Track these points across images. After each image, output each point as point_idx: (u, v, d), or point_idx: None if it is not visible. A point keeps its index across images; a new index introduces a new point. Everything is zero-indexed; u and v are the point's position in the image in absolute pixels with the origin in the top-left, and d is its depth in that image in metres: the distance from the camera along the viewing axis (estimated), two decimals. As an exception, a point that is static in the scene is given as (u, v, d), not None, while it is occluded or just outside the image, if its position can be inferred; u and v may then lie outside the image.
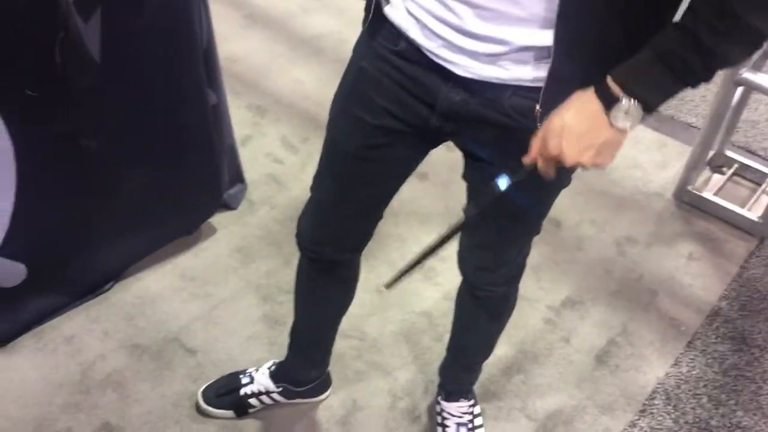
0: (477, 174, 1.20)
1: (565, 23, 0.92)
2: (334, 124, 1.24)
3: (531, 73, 0.98)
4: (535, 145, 1.00)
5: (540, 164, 1.01)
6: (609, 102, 0.93)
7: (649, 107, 0.93)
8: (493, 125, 1.06)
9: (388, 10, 1.08)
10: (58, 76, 1.49)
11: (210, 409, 1.69)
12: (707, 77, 0.91)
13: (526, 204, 1.17)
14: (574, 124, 0.94)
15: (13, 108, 1.49)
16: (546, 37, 0.94)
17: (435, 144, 1.21)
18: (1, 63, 1.42)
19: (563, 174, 1.10)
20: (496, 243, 1.31)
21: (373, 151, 1.20)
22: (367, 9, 1.12)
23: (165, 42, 1.69)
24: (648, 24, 0.94)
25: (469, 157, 1.19)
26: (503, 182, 1.05)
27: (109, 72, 1.59)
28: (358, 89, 1.17)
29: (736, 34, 0.88)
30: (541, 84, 0.98)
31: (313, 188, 1.33)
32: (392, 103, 1.13)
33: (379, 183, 1.27)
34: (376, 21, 1.10)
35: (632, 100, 0.92)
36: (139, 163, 1.82)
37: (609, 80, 0.93)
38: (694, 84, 0.92)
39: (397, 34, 1.07)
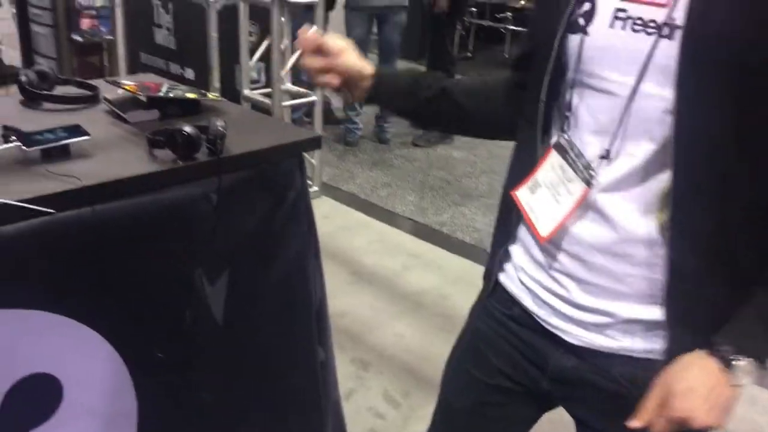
0: None
1: (673, 302, 0.96)
2: (448, 383, 1.29)
3: (640, 344, 1.01)
4: (651, 407, 0.96)
5: (660, 428, 0.96)
6: (726, 362, 0.93)
7: (764, 363, 0.93)
8: (602, 392, 1.07)
9: (503, 279, 1.17)
10: (184, 338, 1.61)
11: None
12: None
13: None
14: (699, 385, 0.93)
15: (140, 367, 1.61)
16: (653, 312, 0.98)
17: (547, 407, 1.23)
18: (137, 328, 1.55)
19: None
20: None
21: (487, 410, 1.23)
22: (486, 276, 1.22)
23: (283, 303, 1.82)
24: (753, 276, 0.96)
25: (581, 425, 1.18)
26: None
27: (229, 332, 1.71)
28: (473, 349, 1.24)
29: None
30: (650, 355, 1.00)
31: None
32: (506, 364, 1.18)
33: None
34: (492, 287, 1.20)
35: (748, 359, 0.92)
36: (248, 417, 1.87)
37: (719, 342, 0.93)
38: None
39: (511, 300, 1.15)
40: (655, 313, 0.98)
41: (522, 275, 1.13)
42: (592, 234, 1.00)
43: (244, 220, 1.68)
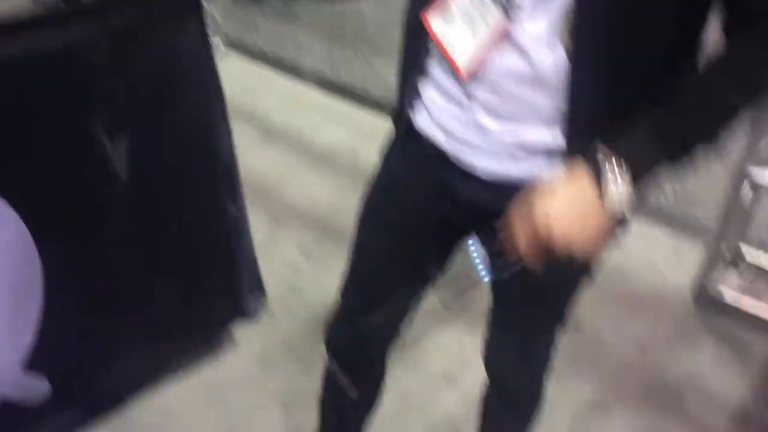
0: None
1: (571, 126, 0.98)
2: (362, 225, 1.28)
3: (549, 169, 1.01)
4: (521, 216, 0.94)
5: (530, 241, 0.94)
6: (597, 169, 0.91)
7: (636, 173, 0.91)
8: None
9: (413, 116, 1.14)
10: (86, 194, 1.55)
11: None
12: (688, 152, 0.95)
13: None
14: (570, 200, 0.91)
15: (43, 224, 1.54)
16: (562, 139, 0.99)
17: (458, 239, 1.26)
18: (37, 185, 1.47)
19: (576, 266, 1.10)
20: (521, 332, 1.32)
21: (401, 249, 1.24)
22: (394, 115, 1.19)
23: (188, 157, 1.76)
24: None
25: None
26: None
27: (134, 187, 1.65)
28: (386, 189, 1.23)
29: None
30: None
31: (341, 292, 1.36)
32: (419, 201, 1.18)
33: (407, 281, 1.30)
34: (401, 127, 1.17)
35: (619, 162, 0.90)
36: (159, 273, 1.85)
37: (598, 146, 0.92)
38: (675, 156, 0.95)
39: (421, 137, 1.13)
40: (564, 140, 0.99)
41: (432, 109, 1.10)
42: (506, 64, 0.98)
43: (137, 69, 1.58)
